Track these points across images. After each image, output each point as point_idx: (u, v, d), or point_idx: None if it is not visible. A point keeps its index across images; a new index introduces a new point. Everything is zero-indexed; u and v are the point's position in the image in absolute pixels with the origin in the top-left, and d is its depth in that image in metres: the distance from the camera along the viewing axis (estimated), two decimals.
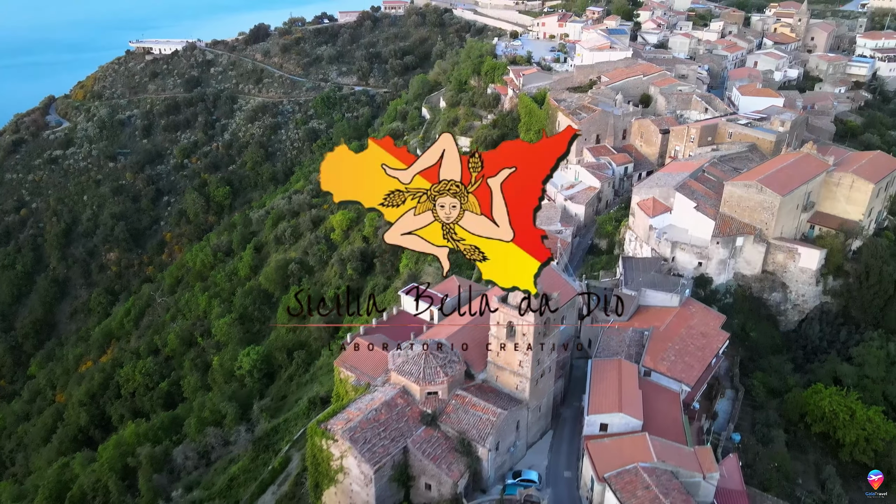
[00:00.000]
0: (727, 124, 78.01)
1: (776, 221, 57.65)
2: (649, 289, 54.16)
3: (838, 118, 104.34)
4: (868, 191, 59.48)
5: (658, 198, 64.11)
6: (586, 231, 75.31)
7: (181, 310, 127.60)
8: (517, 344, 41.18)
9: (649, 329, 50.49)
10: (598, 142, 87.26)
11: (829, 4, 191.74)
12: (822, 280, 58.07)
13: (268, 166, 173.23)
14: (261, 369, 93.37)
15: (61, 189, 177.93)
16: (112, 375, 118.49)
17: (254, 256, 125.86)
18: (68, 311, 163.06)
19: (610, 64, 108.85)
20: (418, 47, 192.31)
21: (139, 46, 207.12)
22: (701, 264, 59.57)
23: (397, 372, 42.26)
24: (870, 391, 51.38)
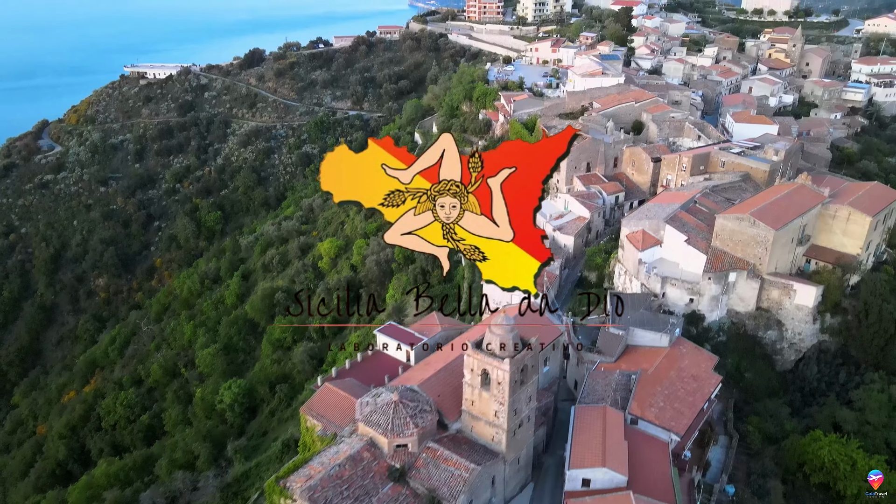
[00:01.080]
0: (720, 153, 76.05)
1: (770, 256, 55.26)
2: (638, 328, 51.56)
3: (834, 145, 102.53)
4: (866, 224, 57.19)
5: (648, 230, 61.78)
6: (575, 263, 72.87)
7: (166, 339, 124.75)
8: (493, 393, 38.51)
9: (637, 372, 47.79)
10: (589, 170, 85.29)
11: (823, 30, 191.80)
12: (820, 318, 55.47)
13: (260, 191, 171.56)
14: (242, 403, 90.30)
15: (51, 214, 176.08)
16: (94, 407, 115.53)
17: (241, 284, 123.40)
18: (55, 338, 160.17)
19: (602, 90, 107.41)
20: (413, 72, 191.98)
21: (134, 71, 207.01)
22: (692, 300, 57.04)
23: (364, 422, 39.49)
24: (871, 438, 48.47)
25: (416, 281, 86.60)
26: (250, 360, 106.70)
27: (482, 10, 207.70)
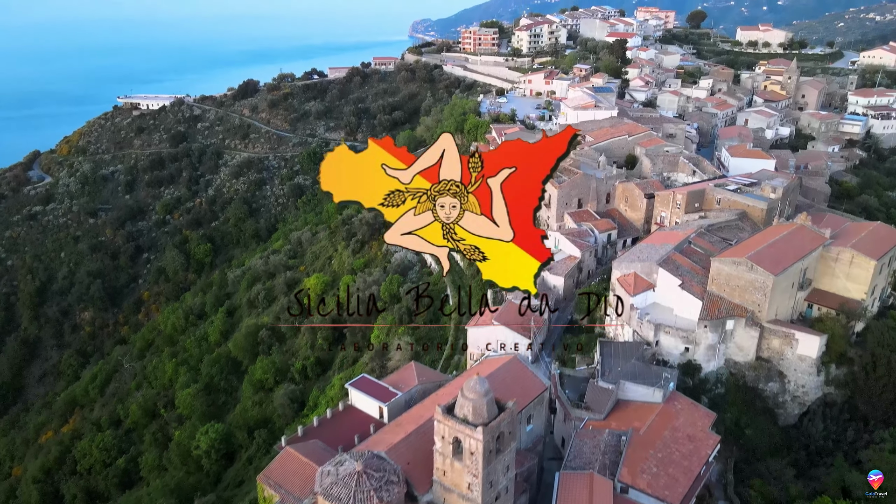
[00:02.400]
0: (715, 189, 73.19)
1: (770, 303, 51.92)
2: (629, 381, 47.99)
3: (833, 178, 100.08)
4: (870, 268, 53.99)
5: (640, 273, 58.54)
6: (566, 305, 69.46)
7: (147, 377, 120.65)
8: (465, 463, 34.87)
9: (628, 432, 44.04)
10: (580, 206, 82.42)
11: (818, 62, 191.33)
12: (824, 369, 51.88)
13: (251, 223, 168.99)
14: (219, 449, 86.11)
15: (38, 246, 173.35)
16: (71, 448, 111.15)
17: (226, 321, 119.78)
18: (37, 373, 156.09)
19: (595, 123, 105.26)
20: (407, 103, 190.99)
21: (127, 102, 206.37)
22: (688, 349, 53.53)
23: (324, 496, 35.71)
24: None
25: (401, 321, 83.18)
26: (231, 402, 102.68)
27: (477, 42, 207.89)
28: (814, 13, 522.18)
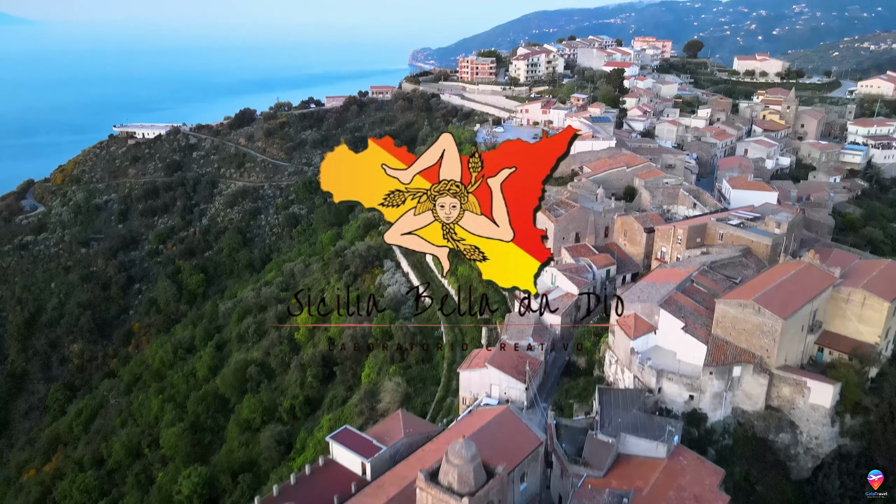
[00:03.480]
0: (717, 224, 70.72)
1: (779, 348, 48.96)
2: (630, 434, 44.78)
3: (836, 210, 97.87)
4: (884, 310, 51.15)
5: (640, 314, 55.64)
6: (563, 345, 66.40)
7: (133, 413, 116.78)
8: None
9: (629, 492, 40.73)
10: (578, 240, 79.92)
11: (816, 91, 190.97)
12: (839, 419, 48.69)
13: (245, 252, 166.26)
14: (202, 495, 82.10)
15: (28, 276, 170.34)
16: (51, 489, 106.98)
17: (214, 355, 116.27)
18: (24, 408, 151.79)
19: (592, 154, 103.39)
20: (404, 131, 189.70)
21: (123, 131, 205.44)
22: (692, 397, 50.39)
23: None
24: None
25: (392, 360, 79.99)
26: (217, 441, 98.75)
27: (475, 71, 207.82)
28: (808, 43, 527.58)
